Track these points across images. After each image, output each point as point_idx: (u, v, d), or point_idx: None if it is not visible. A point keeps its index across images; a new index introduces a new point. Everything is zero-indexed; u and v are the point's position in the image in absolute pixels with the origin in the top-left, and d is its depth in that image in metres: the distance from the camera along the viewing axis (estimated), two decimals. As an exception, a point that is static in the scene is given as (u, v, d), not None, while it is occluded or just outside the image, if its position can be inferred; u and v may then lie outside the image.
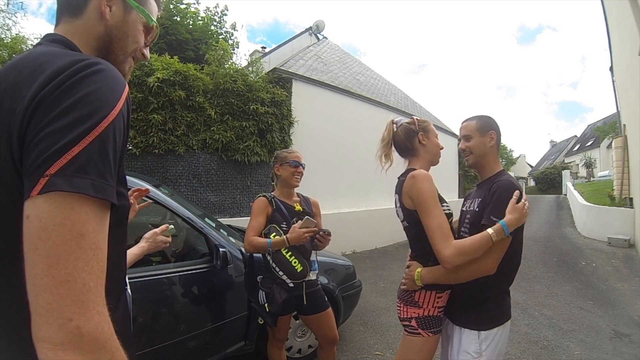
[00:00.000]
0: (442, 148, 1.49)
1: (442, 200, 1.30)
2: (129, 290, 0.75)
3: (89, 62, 0.46)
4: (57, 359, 0.35)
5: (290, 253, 1.68)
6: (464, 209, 1.44)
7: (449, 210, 1.34)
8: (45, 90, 0.42)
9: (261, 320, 1.81)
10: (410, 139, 1.44)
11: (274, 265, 1.68)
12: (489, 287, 1.25)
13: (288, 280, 1.68)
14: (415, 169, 1.33)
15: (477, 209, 1.29)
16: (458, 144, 1.52)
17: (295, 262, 1.67)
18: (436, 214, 1.18)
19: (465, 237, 1.27)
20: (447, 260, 1.13)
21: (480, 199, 1.30)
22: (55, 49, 0.51)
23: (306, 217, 1.68)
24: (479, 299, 1.26)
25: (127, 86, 0.50)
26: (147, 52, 0.66)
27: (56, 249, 0.36)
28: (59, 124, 0.40)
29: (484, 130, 1.37)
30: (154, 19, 0.64)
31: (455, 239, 1.19)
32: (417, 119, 1.50)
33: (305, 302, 1.74)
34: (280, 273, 1.68)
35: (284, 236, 1.64)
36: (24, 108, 0.41)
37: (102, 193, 0.41)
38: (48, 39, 0.56)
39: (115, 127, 0.44)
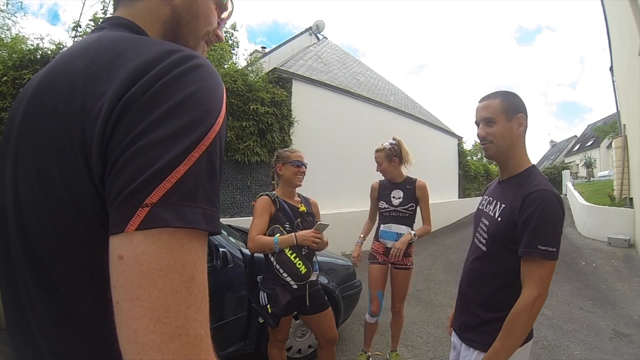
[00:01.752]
0: None
1: None
2: None
3: (186, 55, 0.37)
4: None
5: (294, 255, 1.68)
6: (481, 207, 1.24)
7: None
8: (134, 88, 0.33)
9: (261, 320, 1.81)
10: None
11: (277, 266, 1.67)
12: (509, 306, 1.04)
13: (292, 282, 1.68)
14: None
15: (499, 219, 1.06)
16: (478, 128, 1.14)
17: (299, 264, 1.67)
18: None
19: (481, 247, 1.12)
20: None
21: (505, 206, 1.06)
22: (132, 35, 0.42)
23: (319, 222, 1.70)
24: (498, 318, 1.05)
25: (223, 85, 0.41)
26: (221, 33, 0.56)
27: (164, 299, 0.28)
28: (157, 135, 0.31)
29: (511, 111, 1.06)
30: None
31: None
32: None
33: (307, 303, 1.74)
34: (284, 274, 1.67)
35: (293, 233, 1.65)
36: (105, 110, 0.32)
37: (212, 224, 0.32)
38: (112, 22, 0.47)
39: (221, 138, 0.36)
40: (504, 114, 1.06)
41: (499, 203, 1.10)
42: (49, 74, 0.39)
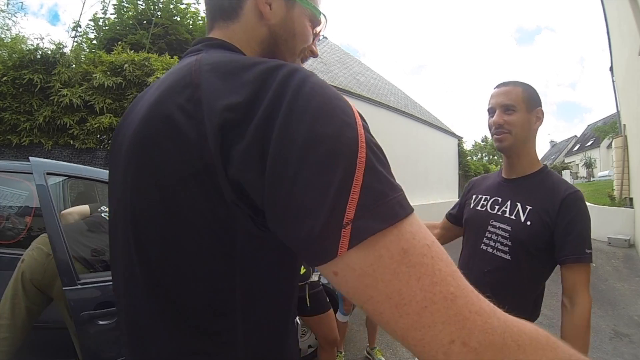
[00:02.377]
0: None
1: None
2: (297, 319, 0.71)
3: (292, 69, 0.36)
4: None
5: None
6: (480, 208, 1.08)
7: None
8: (257, 119, 0.32)
9: None
10: None
11: None
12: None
13: None
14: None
15: (528, 223, 0.95)
16: (491, 115, 1.02)
17: None
18: None
19: (502, 256, 0.98)
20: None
21: (532, 209, 0.96)
22: (232, 55, 0.43)
23: None
24: None
25: None
26: (315, 48, 0.56)
27: (391, 284, 0.28)
28: (314, 168, 0.30)
29: (532, 104, 0.99)
30: (321, 10, 0.54)
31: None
32: None
33: (308, 304, 1.74)
34: None
35: None
36: (226, 137, 0.32)
37: (406, 207, 0.31)
38: (207, 43, 0.47)
39: (366, 124, 0.35)
40: (525, 104, 0.97)
41: (519, 205, 0.98)
42: (157, 99, 0.39)
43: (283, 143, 0.30)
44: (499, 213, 1.01)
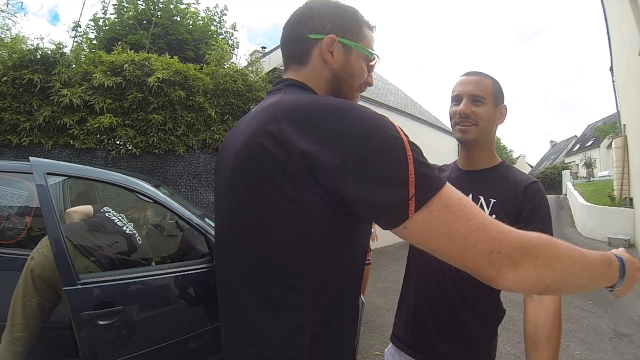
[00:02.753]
0: None
1: None
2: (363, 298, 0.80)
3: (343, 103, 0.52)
4: (518, 274, 0.45)
5: None
6: None
7: None
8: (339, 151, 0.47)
9: None
10: None
11: None
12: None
13: None
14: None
15: (493, 216, 0.82)
16: (455, 103, 0.99)
17: None
18: None
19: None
20: None
21: (496, 201, 0.95)
22: (310, 94, 0.59)
23: None
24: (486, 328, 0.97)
25: None
26: (371, 79, 0.68)
27: (443, 227, 0.45)
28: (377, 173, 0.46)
29: (499, 99, 0.98)
30: (374, 51, 0.65)
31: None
32: None
33: None
34: None
35: None
36: (311, 156, 0.46)
37: (442, 179, 0.47)
38: (285, 83, 0.62)
39: (402, 129, 0.50)
40: (493, 97, 0.96)
41: (482, 197, 0.96)
42: (254, 129, 0.52)
43: (364, 157, 0.45)
44: None
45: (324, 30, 0.60)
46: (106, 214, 1.86)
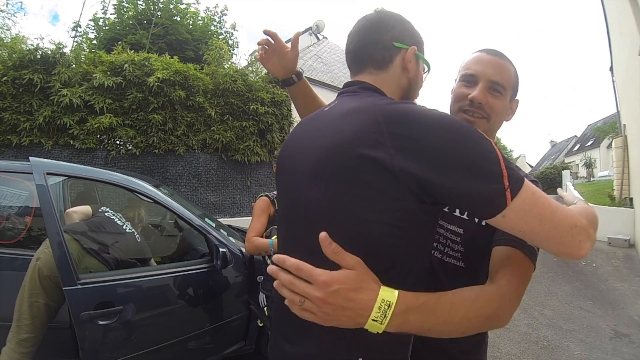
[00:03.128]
0: None
1: None
2: None
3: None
4: (591, 243, 0.54)
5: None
6: None
7: None
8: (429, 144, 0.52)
9: (261, 323, 1.79)
10: None
11: None
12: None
13: None
14: None
15: (483, 223, 0.76)
16: (467, 85, 0.80)
17: None
18: None
19: (455, 263, 0.78)
20: None
21: None
22: (390, 99, 0.63)
23: None
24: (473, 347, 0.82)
25: None
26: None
27: (534, 213, 0.52)
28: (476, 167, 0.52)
29: (515, 92, 0.83)
30: (428, 61, 0.73)
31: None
32: None
33: None
34: None
35: None
36: (405, 152, 0.51)
37: (523, 175, 0.56)
38: (360, 86, 0.65)
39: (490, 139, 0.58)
40: (511, 90, 0.80)
41: None
42: (347, 136, 0.55)
43: (465, 160, 0.51)
44: (447, 211, 0.79)
45: (406, 41, 0.66)
46: (105, 214, 1.86)
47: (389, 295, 0.51)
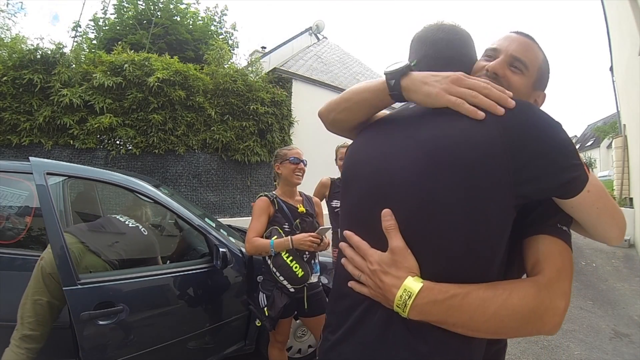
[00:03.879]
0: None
1: None
2: None
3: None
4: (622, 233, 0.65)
5: (290, 258, 1.63)
6: None
7: None
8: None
9: (259, 323, 1.79)
10: None
11: (274, 269, 1.64)
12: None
13: (289, 285, 1.64)
14: None
15: None
16: (488, 58, 0.75)
17: (296, 267, 1.62)
18: None
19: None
20: None
21: None
22: None
23: (321, 227, 1.67)
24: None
25: None
26: None
27: (601, 202, 0.59)
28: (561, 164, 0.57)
29: (542, 81, 0.76)
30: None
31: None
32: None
33: (306, 306, 1.73)
34: (281, 278, 1.63)
35: (289, 237, 1.61)
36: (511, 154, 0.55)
37: (587, 168, 0.60)
38: None
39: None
40: (537, 74, 0.73)
41: None
42: (468, 132, 0.57)
43: (555, 151, 0.56)
44: None
45: (474, 59, 0.79)
46: (111, 215, 1.89)
47: (412, 285, 0.52)
